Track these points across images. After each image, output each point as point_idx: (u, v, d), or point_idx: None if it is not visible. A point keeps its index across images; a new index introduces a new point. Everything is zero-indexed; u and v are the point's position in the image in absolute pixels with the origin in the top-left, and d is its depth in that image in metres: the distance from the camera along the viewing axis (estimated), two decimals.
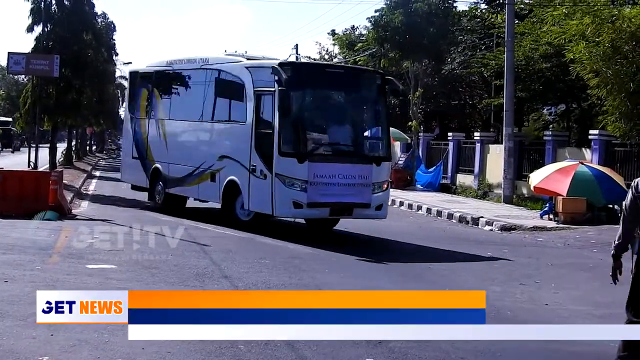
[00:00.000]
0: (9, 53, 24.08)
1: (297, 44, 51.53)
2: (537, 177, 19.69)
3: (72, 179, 26.72)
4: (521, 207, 22.85)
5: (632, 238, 6.03)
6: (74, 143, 45.83)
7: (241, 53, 18.73)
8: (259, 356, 6.79)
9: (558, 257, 14.15)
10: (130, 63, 61.63)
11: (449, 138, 30.82)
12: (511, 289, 10.63)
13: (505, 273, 12.10)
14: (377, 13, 34.30)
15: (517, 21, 27.77)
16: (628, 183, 19.15)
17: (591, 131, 22.63)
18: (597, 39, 20.58)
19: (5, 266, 10.39)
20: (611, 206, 19.28)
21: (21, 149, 52.26)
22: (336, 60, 48.63)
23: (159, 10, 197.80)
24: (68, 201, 18.60)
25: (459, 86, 36.80)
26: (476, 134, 30.04)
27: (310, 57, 47.43)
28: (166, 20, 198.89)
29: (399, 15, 32.36)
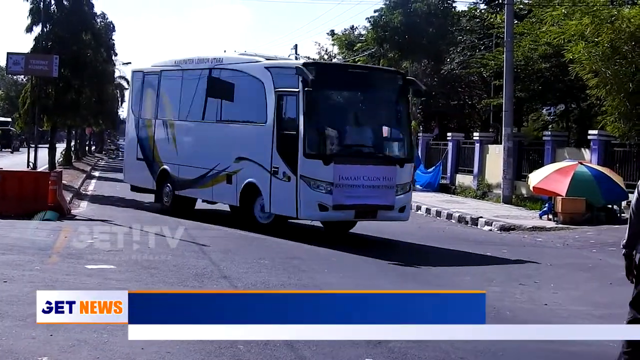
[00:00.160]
0: (8, 53, 24.09)
1: (297, 44, 51.57)
2: (537, 178, 19.70)
3: (72, 179, 26.71)
4: (520, 207, 22.85)
5: (638, 237, 6.02)
6: (73, 143, 45.80)
7: (253, 53, 18.42)
8: (259, 356, 6.79)
9: (557, 258, 14.15)
10: (129, 63, 61.74)
11: (448, 138, 30.83)
12: (511, 289, 10.63)
13: (504, 273, 12.10)
14: (377, 13, 34.37)
15: (517, 21, 27.76)
16: (627, 183, 19.23)
17: (590, 131, 22.65)
18: (596, 39, 20.60)
19: (4, 266, 10.39)
20: (610, 206, 19.30)
21: (20, 149, 52.26)
22: (335, 60, 48.59)
23: (158, 10, 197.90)
24: (67, 201, 18.60)
25: (458, 86, 36.78)
26: (475, 134, 30.06)
27: (309, 58, 47.37)
28: (165, 20, 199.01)
29: (398, 15, 32.42)
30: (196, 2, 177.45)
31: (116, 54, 49.02)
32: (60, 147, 38.48)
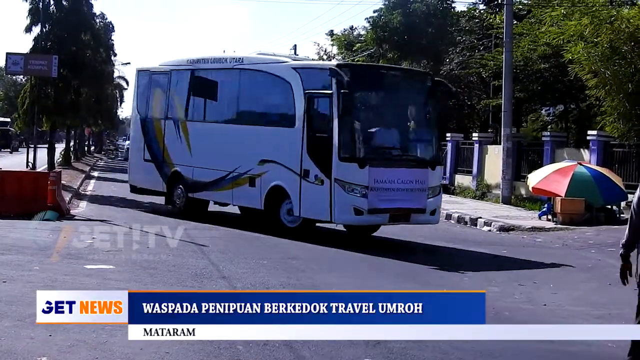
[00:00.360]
0: (7, 53, 24.13)
1: (296, 45, 51.52)
2: (536, 178, 19.70)
3: (71, 180, 26.70)
4: (520, 208, 22.85)
5: (638, 236, 6.02)
6: (72, 143, 45.75)
7: (272, 52, 18.13)
8: (258, 356, 6.79)
9: (556, 258, 14.15)
10: (128, 63, 61.82)
11: (448, 138, 30.81)
12: (510, 290, 10.63)
13: (504, 273, 12.10)
14: (376, 13, 34.40)
15: (516, 22, 27.77)
16: (627, 184, 19.25)
17: (589, 132, 22.66)
18: (596, 40, 20.62)
19: (3, 266, 10.40)
20: (610, 207, 19.31)
21: (19, 150, 52.22)
22: (334, 61, 48.54)
23: (157, 10, 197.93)
24: (66, 201, 18.59)
25: (458, 87, 36.73)
26: (474, 135, 30.05)
27: (308, 58, 47.30)
28: (164, 21, 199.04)
29: (398, 15, 32.44)
30: (195, 3, 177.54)
31: (115, 54, 48.94)
32: (59, 148, 38.45)
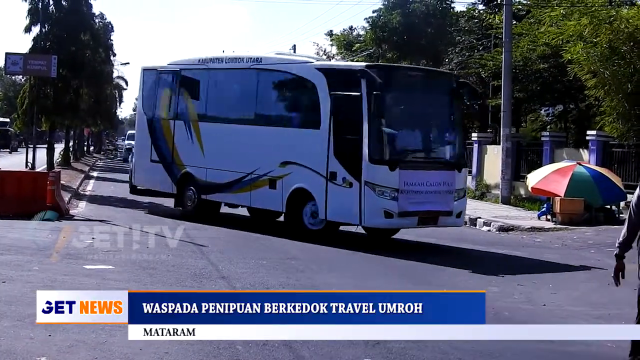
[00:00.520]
0: (7, 53, 24.11)
1: (295, 45, 51.47)
2: (535, 178, 19.70)
3: (70, 180, 26.69)
4: (519, 208, 22.84)
5: (635, 236, 6.03)
6: (72, 144, 45.74)
7: (288, 52, 18.00)
8: (257, 356, 6.79)
9: (556, 258, 14.14)
10: (127, 63, 61.76)
11: None
12: (509, 290, 10.63)
13: (503, 273, 12.09)
14: (375, 14, 34.38)
15: (515, 22, 27.78)
16: (626, 184, 19.25)
17: (589, 132, 22.67)
18: (595, 40, 20.63)
19: (3, 267, 10.40)
20: (609, 207, 19.31)
21: (19, 150, 52.21)
22: (333, 61, 48.53)
23: (157, 10, 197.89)
24: (66, 202, 18.59)
25: None
26: (474, 135, 30.05)
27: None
28: (164, 21, 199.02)
29: (397, 15, 32.43)
30: (194, 3, 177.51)
31: (115, 54, 48.82)
32: (58, 148, 38.43)
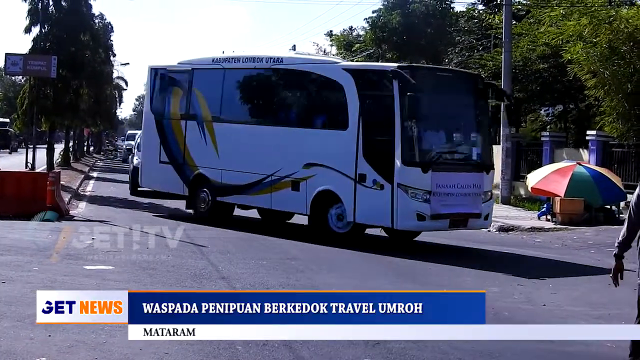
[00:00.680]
0: (7, 54, 24.11)
1: (295, 45, 51.55)
2: (535, 178, 19.70)
3: (70, 180, 26.68)
4: (519, 208, 22.84)
5: (635, 236, 6.03)
6: (72, 144, 45.74)
7: (312, 53, 17.90)
8: (257, 357, 6.79)
9: (556, 258, 14.15)
10: (127, 64, 61.72)
11: None
12: (509, 289, 10.63)
13: (503, 274, 12.09)
14: (375, 14, 34.37)
15: (515, 22, 27.80)
16: (626, 184, 19.25)
17: (588, 132, 22.67)
18: (595, 40, 20.63)
19: (3, 267, 10.39)
20: (609, 207, 19.31)
21: (19, 150, 52.21)
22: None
23: (156, 11, 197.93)
24: (66, 202, 18.58)
25: None
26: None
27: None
28: (163, 21, 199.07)
29: (397, 16, 32.43)
30: (194, 3, 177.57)
31: (114, 55, 48.83)
32: (58, 148, 38.43)
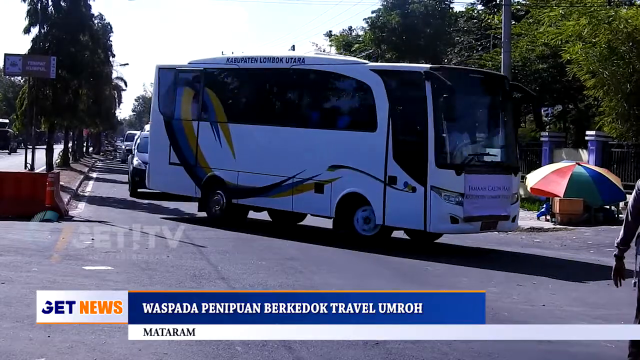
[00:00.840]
0: (6, 54, 24.06)
1: (294, 45, 51.48)
2: (534, 178, 19.70)
3: (69, 181, 26.68)
4: None
5: (633, 236, 6.03)
6: (71, 144, 45.76)
7: (327, 52, 17.74)
8: (256, 357, 6.79)
9: (555, 259, 14.15)
10: (127, 64, 61.66)
11: None
12: (508, 290, 10.63)
13: (502, 274, 12.09)
14: (374, 14, 34.36)
15: (514, 22, 27.81)
16: (625, 184, 19.26)
17: (588, 132, 22.68)
18: (594, 40, 20.64)
19: (2, 268, 10.38)
20: (608, 207, 19.31)
21: (18, 151, 52.22)
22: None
23: (156, 11, 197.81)
24: (65, 202, 18.57)
25: None
26: None
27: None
28: (163, 21, 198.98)
29: (396, 16, 32.41)
30: (194, 3, 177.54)
31: (114, 55, 48.92)
32: (57, 149, 38.44)
